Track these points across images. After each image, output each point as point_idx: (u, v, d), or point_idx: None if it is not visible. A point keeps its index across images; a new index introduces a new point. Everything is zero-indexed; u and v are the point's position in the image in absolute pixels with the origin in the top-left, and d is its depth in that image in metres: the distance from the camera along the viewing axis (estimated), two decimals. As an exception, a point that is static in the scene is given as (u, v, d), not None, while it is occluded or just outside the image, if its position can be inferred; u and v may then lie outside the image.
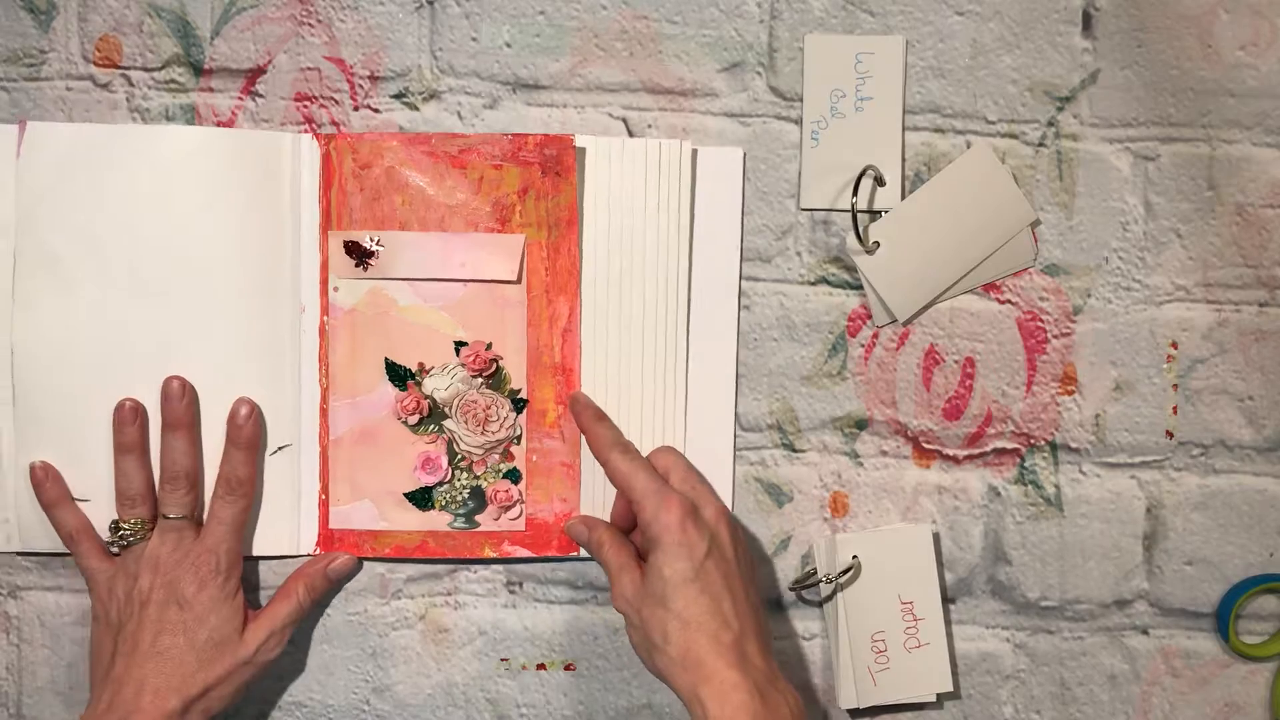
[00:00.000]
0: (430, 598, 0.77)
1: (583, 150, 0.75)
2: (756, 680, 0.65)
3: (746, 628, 0.66)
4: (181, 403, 0.73)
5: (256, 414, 0.74)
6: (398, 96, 0.76)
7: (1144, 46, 0.76)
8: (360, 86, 0.76)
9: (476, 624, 0.77)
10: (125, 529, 0.72)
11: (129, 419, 0.73)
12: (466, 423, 0.75)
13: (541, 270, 0.75)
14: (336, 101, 0.76)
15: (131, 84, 0.76)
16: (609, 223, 0.75)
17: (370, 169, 0.74)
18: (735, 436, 0.77)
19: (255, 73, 0.76)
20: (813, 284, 0.77)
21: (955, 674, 0.77)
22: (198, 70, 0.76)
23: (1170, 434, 0.77)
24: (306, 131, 0.76)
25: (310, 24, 0.76)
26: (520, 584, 0.77)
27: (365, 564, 0.77)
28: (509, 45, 0.76)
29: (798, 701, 0.66)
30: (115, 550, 0.73)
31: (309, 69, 0.76)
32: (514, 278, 0.75)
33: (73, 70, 0.76)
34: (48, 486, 0.74)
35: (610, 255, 0.75)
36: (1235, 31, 0.76)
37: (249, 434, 0.73)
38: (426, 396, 0.75)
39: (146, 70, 0.76)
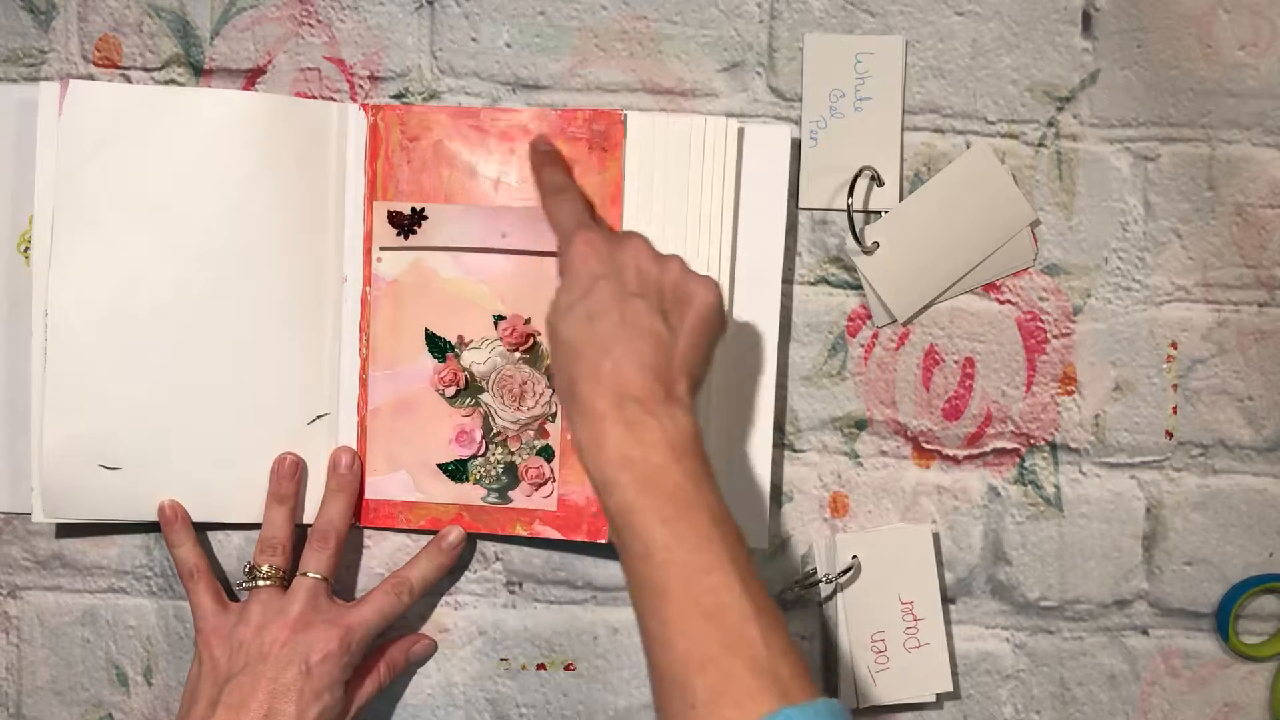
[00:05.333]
0: (430, 597, 0.77)
1: (625, 124, 0.74)
2: (625, 409, 0.59)
3: (629, 353, 0.61)
4: (350, 472, 0.75)
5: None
6: (398, 97, 0.76)
7: (1144, 46, 0.76)
8: (360, 86, 0.76)
9: (476, 624, 0.77)
10: (260, 574, 0.72)
11: (289, 473, 0.74)
12: (503, 397, 0.75)
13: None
14: (336, 102, 0.76)
15: (131, 84, 0.76)
16: (651, 201, 0.74)
17: (418, 141, 0.74)
18: (775, 424, 0.76)
19: (255, 73, 0.76)
20: (812, 284, 0.77)
21: (955, 674, 0.77)
22: (198, 70, 0.76)
23: (1170, 434, 0.77)
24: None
25: (310, 24, 0.76)
26: (520, 584, 0.77)
27: (364, 565, 0.77)
28: (509, 45, 0.76)
29: (675, 422, 0.60)
30: (243, 591, 0.73)
31: (309, 69, 0.76)
32: (556, 251, 0.74)
33: (72, 70, 0.76)
34: (176, 527, 0.74)
35: (652, 234, 0.74)
36: (1235, 31, 0.76)
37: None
38: (464, 369, 0.75)
39: (146, 70, 0.76)
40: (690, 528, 0.57)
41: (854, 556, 0.76)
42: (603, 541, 0.75)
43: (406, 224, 0.74)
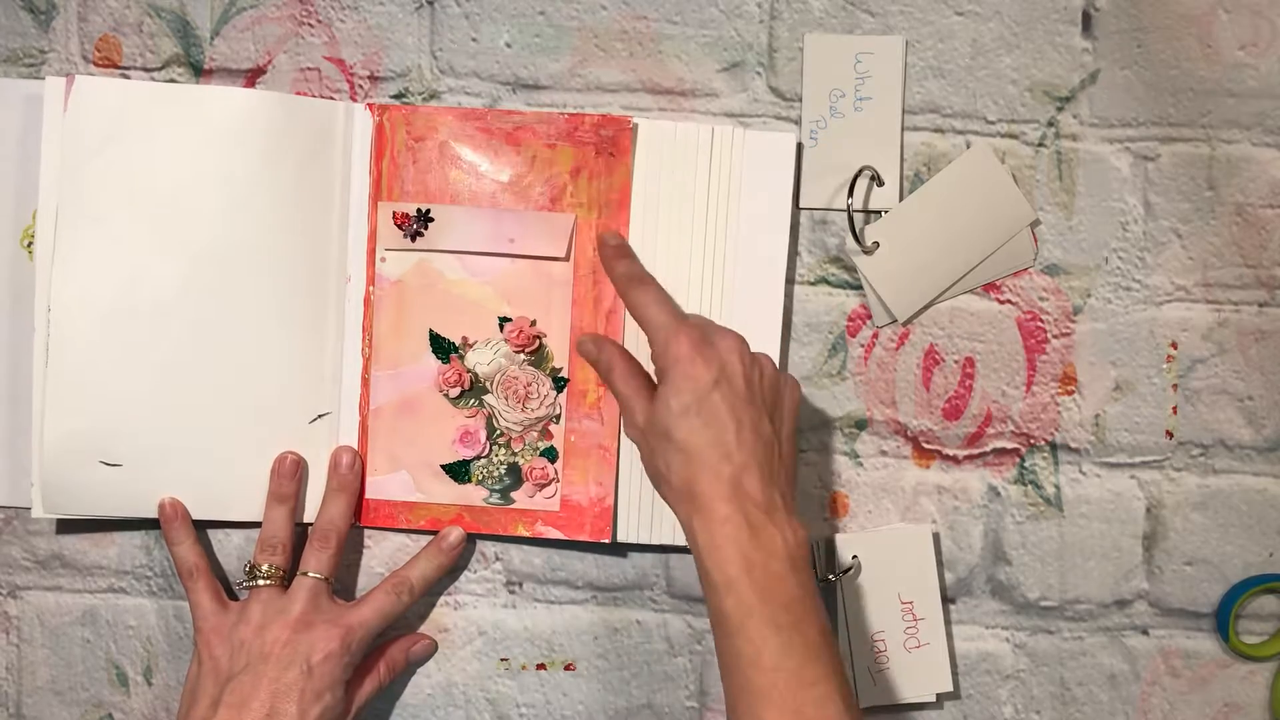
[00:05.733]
0: (430, 597, 0.77)
1: (635, 132, 0.75)
2: (749, 514, 0.63)
3: (749, 460, 0.64)
4: (351, 471, 0.75)
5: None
6: (398, 96, 0.76)
7: (1144, 46, 0.76)
8: (360, 86, 0.76)
9: (476, 624, 0.77)
10: (260, 573, 0.72)
11: (290, 473, 0.74)
12: (507, 398, 0.75)
13: (590, 250, 0.75)
14: (342, 102, 0.76)
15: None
16: (658, 206, 0.75)
17: (424, 142, 0.74)
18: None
19: (255, 73, 0.76)
20: (812, 284, 0.77)
21: (955, 674, 0.77)
22: (198, 70, 0.77)
23: (1170, 434, 0.77)
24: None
25: (310, 24, 0.76)
26: (520, 584, 0.77)
27: (364, 565, 0.77)
28: (509, 45, 0.76)
29: (797, 535, 0.63)
30: (243, 591, 0.73)
31: (309, 69, 0.76)
32: (563, 255, 0.75)
33: (72, 70, 0.76)
34: (176, 525, 0.74)
35: (658, 239, 0.75)
36: (1235, 31, 0.76)
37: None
38: (469, 370, 0.75)
39: (146, 70, 0.76)
40: (802, 638, 0.61)
41: (854, 556, 0.76)
42: (605, 541, 0.75)
43: (413, 225, 0.75)
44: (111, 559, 0.77)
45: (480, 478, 0.76)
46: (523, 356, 0.75)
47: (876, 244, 0.75)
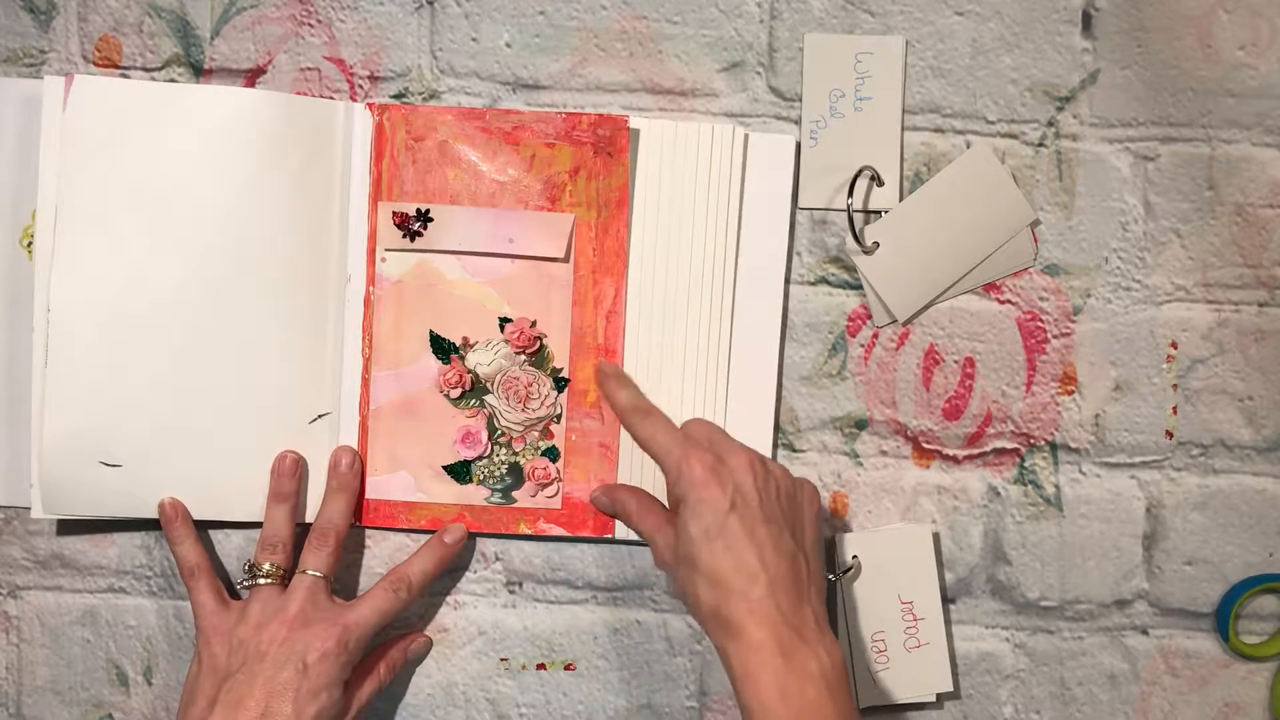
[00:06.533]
0: (430, 597, 0.77)
1: (635, 132, 0.75)
2: (782, 637, 0.63)
3: (776, 579, 0.64)
4: (350, 471, 0.75)
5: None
6: (398, 96, 0.76)
7: (1144, 46, 0.76)
8: (360, 86, 0.76)
9: (476, 624, 0.77)
10: (261, 572, 0.72)
11: (290, 471, 0.74)
12: (508, 399, 0.75)
13: (589, 250, 0.75)
14: (342, 101, 0.76)
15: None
16: (658, 206, 0.75)
17: (423, 142, 0.74)
18: (776, 428, 0.77)
19: (255, 73, 0.76)
20: (812, 284, 0.77)
21: (955, 674, 0.77)
22: (198, 70, 0.77)
23: (1170, 434, 0.77)
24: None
25: (310, 24, 0.76)
26: (520, 584, 0.77)
27: (365, 565, 0.77)
28: (509, 45, 0.76)
29: (830, 654, 0.63)
30: (244, 590, 0.73)
31: (309, 69, 0.76)
32: (562, 255, 0.75)
33: (72, 70, 0.76)
34: (176, 525, 0.74)
35: (658, 239, 0.75)
36: (1235, 31, 0.76)
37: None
38: (469, 371, 0.75)
39: (146, 70, 0.76)
40: None
41: (854, 556, 0.76)
42: (608, 537, 0.75)
43: (412, 225, 0.75)
44: (111, 559, 0.77)
45: (481, 478, 0.76)
46: (523, 357, 0.75)
47: (876, 244, 0.75)
